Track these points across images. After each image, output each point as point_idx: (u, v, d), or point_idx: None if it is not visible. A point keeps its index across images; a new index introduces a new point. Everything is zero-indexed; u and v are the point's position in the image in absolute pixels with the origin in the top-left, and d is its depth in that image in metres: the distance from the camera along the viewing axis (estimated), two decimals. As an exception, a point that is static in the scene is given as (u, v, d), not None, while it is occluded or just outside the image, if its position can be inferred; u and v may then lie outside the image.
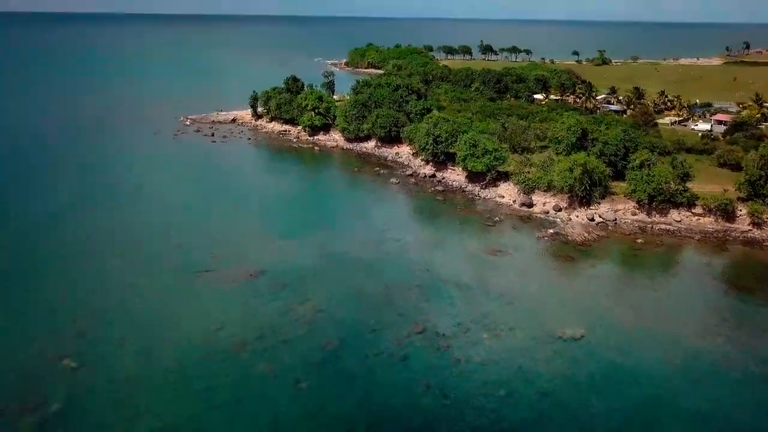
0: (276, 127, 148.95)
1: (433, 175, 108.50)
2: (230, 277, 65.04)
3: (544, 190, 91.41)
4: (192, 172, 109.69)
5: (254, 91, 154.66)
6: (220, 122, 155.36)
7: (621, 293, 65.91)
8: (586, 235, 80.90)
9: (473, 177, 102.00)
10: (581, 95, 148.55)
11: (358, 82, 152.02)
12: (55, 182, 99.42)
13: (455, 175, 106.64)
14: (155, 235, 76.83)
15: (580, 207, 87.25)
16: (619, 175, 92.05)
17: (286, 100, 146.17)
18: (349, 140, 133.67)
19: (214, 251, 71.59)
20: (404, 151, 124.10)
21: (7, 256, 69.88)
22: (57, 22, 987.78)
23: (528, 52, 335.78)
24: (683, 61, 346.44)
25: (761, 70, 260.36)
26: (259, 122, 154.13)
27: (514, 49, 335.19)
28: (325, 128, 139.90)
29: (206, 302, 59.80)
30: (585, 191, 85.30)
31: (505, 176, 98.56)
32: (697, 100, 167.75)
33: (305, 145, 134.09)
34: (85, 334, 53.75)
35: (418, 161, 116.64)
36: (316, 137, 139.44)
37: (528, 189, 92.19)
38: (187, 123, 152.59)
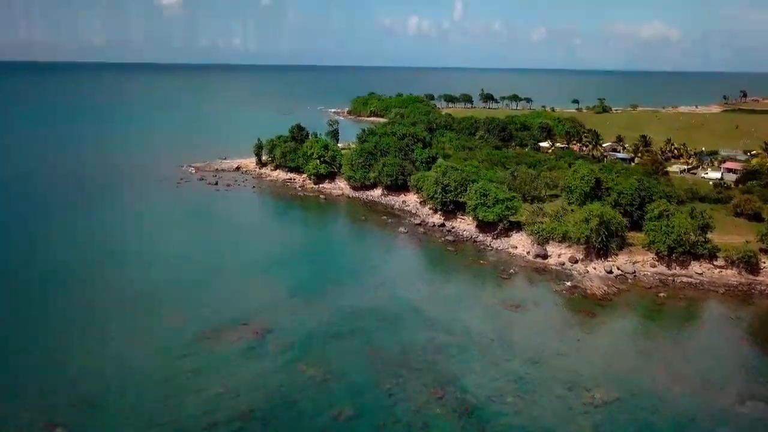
0: (281, 175, 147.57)
1: (443, 225, 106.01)
2: (235, 335, 61.43)
3: (559, 241, 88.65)
4: (195, 223, 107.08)
5: (259, 140, 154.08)
6: (223, 170, 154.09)
7: (649, 351, 62.23)
8: (605, 288, 77.63)
9: (484, 226, 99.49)
10: (588, 143, 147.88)
11: (363, 130, 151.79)
12: (54, 236, 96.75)
13: (465, 225, 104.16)
14: (157, 292, 73.47)
15: (597, 259, 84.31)
16: (634, 226, 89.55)
17: (291, 149, 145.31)
18: (355, 188, 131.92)
19: (219, 308, 68.19)
20: (411, 199, 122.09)
21: (2, 315, 66.37)
22: (48, 71, 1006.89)
23: (528, 100, 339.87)
24: (682, 108, 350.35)
25: (761, 118, 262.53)
26: (263, 170, 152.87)
27: (514, 97, 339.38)
28: (331, 176, 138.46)
29: (210, 364, 56.00)
30: (602, 242, 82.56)
31: (517, 226, 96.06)
32: (703, 148, 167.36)
33: (311, 194, 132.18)
34: (80, 401, 49.82)
35: (426, 210, 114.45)
36: (321, 185, 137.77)
37: (542, 240, 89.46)
38: (191, 171, 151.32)
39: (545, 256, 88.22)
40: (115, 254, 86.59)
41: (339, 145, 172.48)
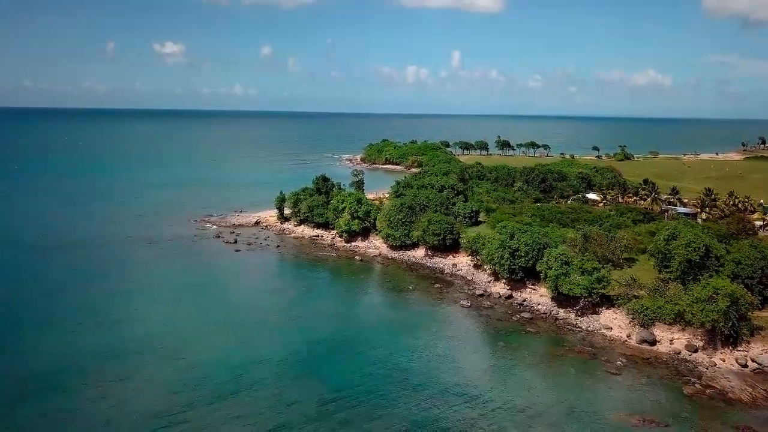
0: (306, 231, 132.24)
1: (510, 296, 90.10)
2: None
3: (669, 323, 72.66)
4: (213, 293, 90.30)
5: (281, 193, 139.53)
6: (241, 225, 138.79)
7: None
8: (749, 390, 61.23)
9: (562, 300, 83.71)
10: (646, 196, 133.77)
11: (398, 182, 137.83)
12: (55, 306, 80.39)
13: (537, 296, 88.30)
14: (169, 409, 56.77)
15: (723, 347, 68.21)
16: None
17: (318, 203, 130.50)
18: (393, 248, 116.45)
19: (245, 421, 51.59)
20: (462, 261, 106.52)
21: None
22: (50, 117, 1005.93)
23: (546, 147, 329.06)
24: (704, 156, 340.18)
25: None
26: (286, 226, 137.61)
27: (532, 144, 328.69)
28: (364, 233, 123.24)
29: None
30: (732, 328, 66.67)
31: (606, 300, 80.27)
32: (761, 201, 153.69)
33: (344, 254, 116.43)
34: None
35: (483, 276, 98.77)
36: (353, 243, 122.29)
37: (646, 321, 73.44)
38: (207, 227, 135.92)
39: (653, 342, 71.99)
40: (122, 332, 70.02)
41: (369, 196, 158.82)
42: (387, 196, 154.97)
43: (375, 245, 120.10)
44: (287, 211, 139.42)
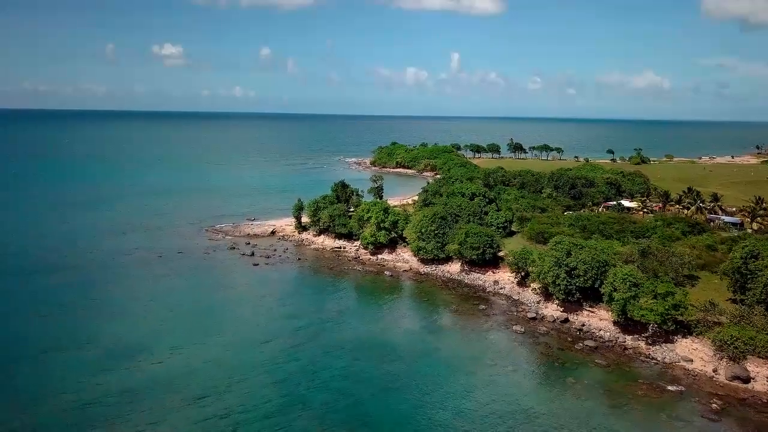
0: (327, 242, 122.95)
1: (566, 320, 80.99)
2: None
3: (765, 357, 63.59)
4: (237, 319, 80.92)
5: (299, 200, 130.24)
6: (256, 235, 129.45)
7: None
8: None
9: (628, 325, 74.69)
10: (689, 204, 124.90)
11: (426, 190, 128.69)
12: (58, 336, 71.10)
13: (597, 320, 79.20)
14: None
15: (832, 386, 59.17)
16: None
17: (340, 212, 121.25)
18: (424, 261, 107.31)
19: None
20: (504, 278, 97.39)
21: None
22: (50, 119, 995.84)
23: (559, 150, 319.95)
24: (719, 160, 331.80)
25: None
26: (305, 236, 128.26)
27: (545, 147, 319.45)
28: (391, 245, 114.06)
29: None
30: None
31: (681, 327, 71.21)
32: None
33: (371, 269, 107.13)
34: None
35: (530, 294, 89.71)
36: (380, 256, 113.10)
37: (738, 354, 64.36)
38: (219, 237, 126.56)
39: (746, 379, 62.91)
40: (135, 385, 60.68)
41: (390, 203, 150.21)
42: (410, 203, 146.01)
43: (404, 258, 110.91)
44: (305, 219, 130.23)
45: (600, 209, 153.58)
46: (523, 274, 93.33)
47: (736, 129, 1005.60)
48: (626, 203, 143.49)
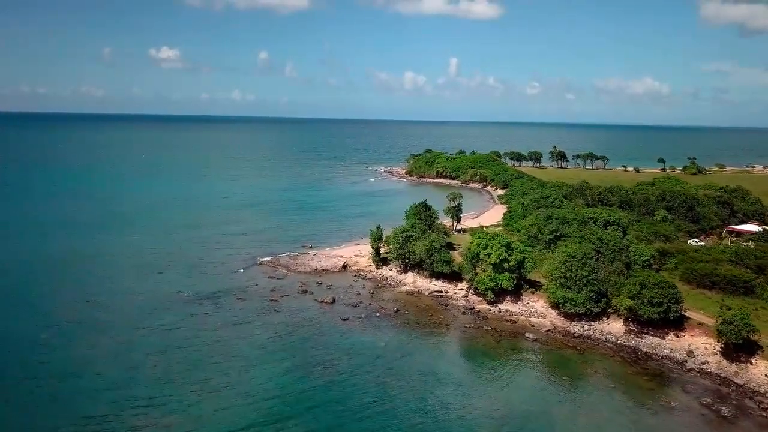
0: (420, 282, 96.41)
1: None
2: None
3: None
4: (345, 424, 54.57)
5: (379, 227, 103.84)
6: (326, 271, 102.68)
7: None
8: None
9: None
10: None
11: (543, 219, 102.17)
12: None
13: None
14: None
15: None
16: None
17: (440, 244, 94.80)
18: (567, 316, 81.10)
19: None
20: (698, 344, 71.40)
21: None
22: (49, 122, 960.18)
23: (605, 158, 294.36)
24: (759, 168, 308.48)
25: None
26: (386, 272, 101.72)
27: (590, 156, 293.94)
28: (514, 291, 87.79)
29: None
30: None
31: None
32: None
33: (498, 325, 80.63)
34: None
35: (753, 373, 63.75)
36: (501, 306, 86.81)
37: None
38: (281, 273, 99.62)
39: None
40: None
41: (461, 225, 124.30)
42: (494, 225, 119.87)
43: (537, 311, 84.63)
44: (382, 249, 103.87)
45: (723, 235, 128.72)
46: (734, 340, 67.27)
47: (736, 134, 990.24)
48: (751, 227, 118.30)
